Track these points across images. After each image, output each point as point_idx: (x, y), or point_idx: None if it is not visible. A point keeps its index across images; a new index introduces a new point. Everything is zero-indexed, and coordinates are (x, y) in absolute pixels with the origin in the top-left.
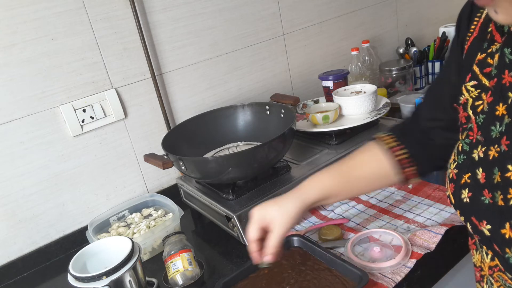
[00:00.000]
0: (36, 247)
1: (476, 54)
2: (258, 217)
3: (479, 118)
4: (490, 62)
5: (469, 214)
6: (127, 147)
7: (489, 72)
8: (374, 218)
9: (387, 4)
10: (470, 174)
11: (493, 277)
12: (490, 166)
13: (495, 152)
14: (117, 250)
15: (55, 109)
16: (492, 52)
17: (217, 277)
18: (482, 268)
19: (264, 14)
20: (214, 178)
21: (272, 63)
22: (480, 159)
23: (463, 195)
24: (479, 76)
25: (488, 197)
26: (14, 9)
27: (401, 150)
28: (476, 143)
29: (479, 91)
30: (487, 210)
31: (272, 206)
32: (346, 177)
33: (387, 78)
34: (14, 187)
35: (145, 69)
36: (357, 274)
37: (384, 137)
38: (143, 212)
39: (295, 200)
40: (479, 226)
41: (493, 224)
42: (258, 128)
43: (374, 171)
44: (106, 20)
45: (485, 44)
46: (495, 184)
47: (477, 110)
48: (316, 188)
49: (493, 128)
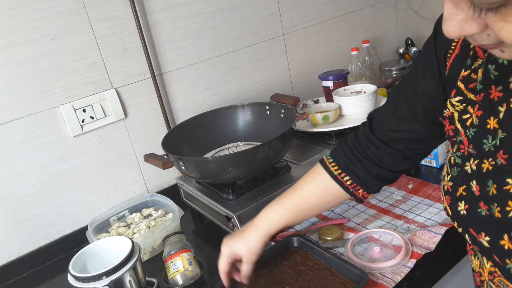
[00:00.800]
0: (36, 247)
1: (459, 70)
2: (228, 253)
3: (469, 131)
4: (474, 77)
5: (467, 226)
6: (127, 147)
7: (474, 87)
8: (374, 218)
9: (387, 4)
10: (465, 186)
11: (494, 282)
12: (484, 179)
13: (489, 165)
14: (117, 250)
15: (55, 109)
16: (475, 68)
17: (217, 277)
18: (481, 273)
19: (264, 14)
20: (214, 178)
21: (272, 63)
22: (473, 171)
23: (460, 207)
24: (464, 91)
25: (485, 209)
26: (14, 9)
27: (346, 177)
28: (468, 156)
29: (465, 105)
30: (484, 222)
31: (239, 243)
32: (297, 210)
33: (387, 78)
34: (14, 187)
35: (145, 69)
36: (357, 274)
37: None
38: (143, 212)
39: (257, 235)
40: (478, 237)
41: (492, 235)
42: (258, 128)
43: (323, 199)
44: (106, 20)
45: (469, 60)
46: (491, 197)
47: (466, 124)
48: (273, 223)
49: (485, 141)
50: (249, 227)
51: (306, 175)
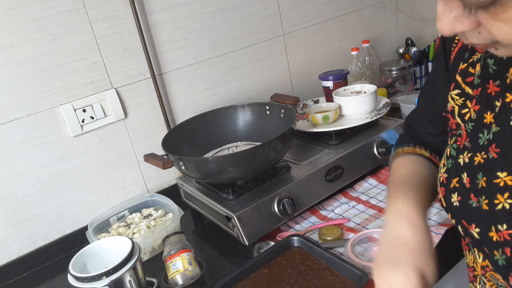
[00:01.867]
0: (36, 247)
1: (459, 63)
2: None
3: (468, 125)
4: (472, 71)
5: (459, 217)
6: (127, 147)
7: (472, 81)
8: (374, 218)
9: (387, 4)
10: (458, 178)
11: (486, 276)
12: (474, 171)
13: (481, 158)
14: (117, 250)
15: (55, 109)
16: (473, 62)
17: (217, 277)
18: (475, 268)
19: (264, 14)
20: (214, 178)
21: (272, 63)
22: (465, 164)
23: (453, 199)
24: (461, 85)
25: (475, 201)
26: (14, 9)
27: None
28: (463, 148)
29: (464, 99)
30: (475, 214)
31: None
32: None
33: (387, 78)
34: (14, 187)
35: (145, 69)
36: (357, 274)
37: (413, 149)
38: (143, 212)
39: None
40: (469, 229)
41: (481, 227)
42: (258, 128)
43: (433, 180)
44: (106, 20)
45: (467, 54)
46: (479, 189)
47: (464, 118)
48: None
49: (480, 135)
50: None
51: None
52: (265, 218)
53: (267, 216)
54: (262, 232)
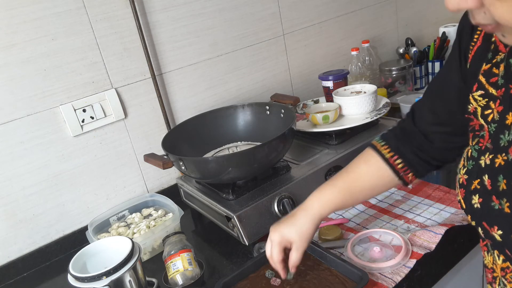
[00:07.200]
0: (36, 247)
1: (481, 64)
2: (279, 240)
3: (491, 127)
4: (496, 72)
5: (480, 219)
6: (127, 147)
7: (496, 81)
8: (374, 218)
9: (387, 4)
10: (479, 180)
11: (506, 278)
12: (495, 173)
13: (501, 160)
14: (117, 250)
15: (55, 109)
16: (497, 62)
17: (217, 277)
18: (494, 269)
19: (264, 14)
20: (214, 178)
21: (272, 63)
22: (486, 166)
23: (474, 201)
24: (485, 86)
25: (497, 203)
26: (14, 9)
27: (397, 160)
28: (484, 150)
29: (487, 99)
30: (497, 216)
31: (289, 228)
32: (350, 191)
33: (387, 78)
34: (14, 187)
35: (145, 69)
36: (357, 274)
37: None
38: (143, 212)
39: (308, 219)
40: (491, 231)
41: (504, 229)
42: (258, 128)
43: (375, 181)
44: (106, 20)
45: (490, 54)
46: (501, 192)
47: (488, 119)
48: (325, 205)
49: (502, 136)
50: (299, 211)
51: (357, 158)
52: (265, 218)
53: (267, 216)
54: (262, 232)
